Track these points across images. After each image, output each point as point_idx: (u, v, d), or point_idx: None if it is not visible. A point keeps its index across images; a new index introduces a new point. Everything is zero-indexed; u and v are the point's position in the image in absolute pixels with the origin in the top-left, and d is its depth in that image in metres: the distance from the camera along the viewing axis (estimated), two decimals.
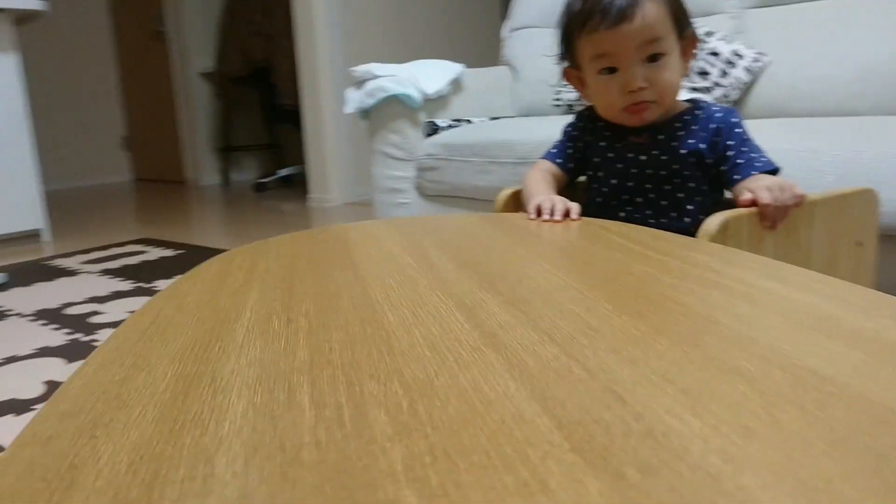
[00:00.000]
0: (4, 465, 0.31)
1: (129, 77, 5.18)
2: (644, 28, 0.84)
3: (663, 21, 0.85)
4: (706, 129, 0.90)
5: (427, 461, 0.29)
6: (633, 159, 0.92)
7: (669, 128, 0.91)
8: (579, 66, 0.94)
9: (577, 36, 0.90)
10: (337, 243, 0.74)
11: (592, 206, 0.97)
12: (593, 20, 0.86)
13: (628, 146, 0.93)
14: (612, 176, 0.95)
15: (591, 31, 0.87)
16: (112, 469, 0.30)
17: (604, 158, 0.96)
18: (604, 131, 0.97)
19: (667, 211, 0.91)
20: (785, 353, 0.39)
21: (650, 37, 0.85)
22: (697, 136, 0.89)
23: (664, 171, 0.90)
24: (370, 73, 1.95)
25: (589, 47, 0.89)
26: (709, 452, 0.29)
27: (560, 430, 0.32)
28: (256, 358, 0.42)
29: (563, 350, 0.41)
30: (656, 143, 0.91)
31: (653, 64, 0.86)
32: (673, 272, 0.56)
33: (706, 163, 0.89)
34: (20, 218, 2.79)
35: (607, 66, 0.88)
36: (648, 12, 0.84)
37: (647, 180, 0.92)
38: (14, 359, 1.47)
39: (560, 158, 1.02)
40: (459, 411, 0.34)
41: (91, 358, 0.43)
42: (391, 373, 0.39)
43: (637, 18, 0.84)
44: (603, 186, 0.96)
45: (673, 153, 0.89)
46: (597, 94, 0.93)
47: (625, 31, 0.84)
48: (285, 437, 0.32)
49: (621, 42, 0.85)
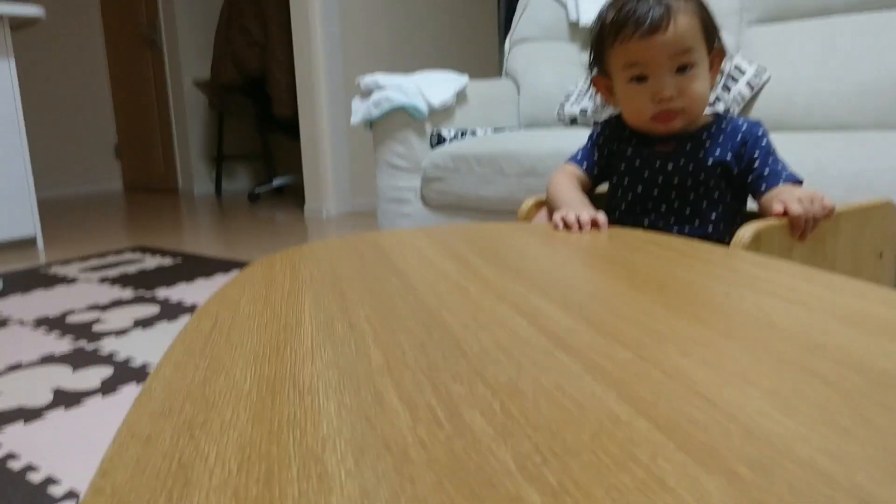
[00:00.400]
0: (112, 464, 0.31)
1: (122, 85, 5.16)
2: (676, 39, 0.86)
3: (695, 33, 0.88)
4: (733, 140, 0.91)
5: (538, 461, 0.30)
6: (660, 168, 0.93)
7: (696, 138, 0.93)
8: (609, 75, 0.96)
9: (608, 45, 0.92)
10: (374, 250, 0.74)
11: (614, 214, 0.99)
12: (626, 30, 0.88)
13: (655, 154, 0.95)
14: (637, 183, 0.96)
15: (624, 40, 0.89)
16: (223, 468, 0.30)
17: (630, 166, 0.97)
18: (631, 139, 0.98)
19: (690, 219, 0.93)
20: (856, 356, 0.40)
21: (681, 48, 0.87)
22: (724, 147, 0.91)
23: (690, 180, 0.92)
24: (376, 83, 1.96)
25: (621, 56, 0.90)
26: (815, 452, 0.30)
27: (660, 430, 0.32)
28: (332, 361, 0.42)
29: (635, 354, 0.42)
30: (683, 152, 0.92)
31: (683, 74, 0.88)
32: (720, 279, 0.57)
33: (732, 173, 0.91)
34: (14, 225, 2.76)
35: (638, 74, 0.90)
36: (681, 23, 0.86)
37: (673, 189, 0.93)
38: (18, 366, 1.46)
39: (586, 163, 1.04)
40: (553, 413, 0.34)
41: (163, 360, 0.44)
42: (472, 375, 0.39)
43: (669, 29, 0.86)
44: (628, 194, 0.97)
45: (699, 163, 0.91)
46: (626, 101, 0.94)
47: (657, 41, 0.86)
48: (387, 437, 0.33)
49: (653, 52, 0.87)
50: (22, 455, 1.06)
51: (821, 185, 1.25)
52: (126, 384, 1.33)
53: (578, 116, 2.01)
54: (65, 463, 1.04)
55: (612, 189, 1.01)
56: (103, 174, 5.27)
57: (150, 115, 4.99)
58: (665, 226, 0.94)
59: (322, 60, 3.33)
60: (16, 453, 1.07)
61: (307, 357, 0.43)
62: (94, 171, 5.21)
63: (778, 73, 1.77)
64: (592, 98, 1.96)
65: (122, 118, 5.24)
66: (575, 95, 2.04)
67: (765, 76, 1.77)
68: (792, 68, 1.76)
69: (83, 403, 1.25)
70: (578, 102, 2.01)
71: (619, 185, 0.99)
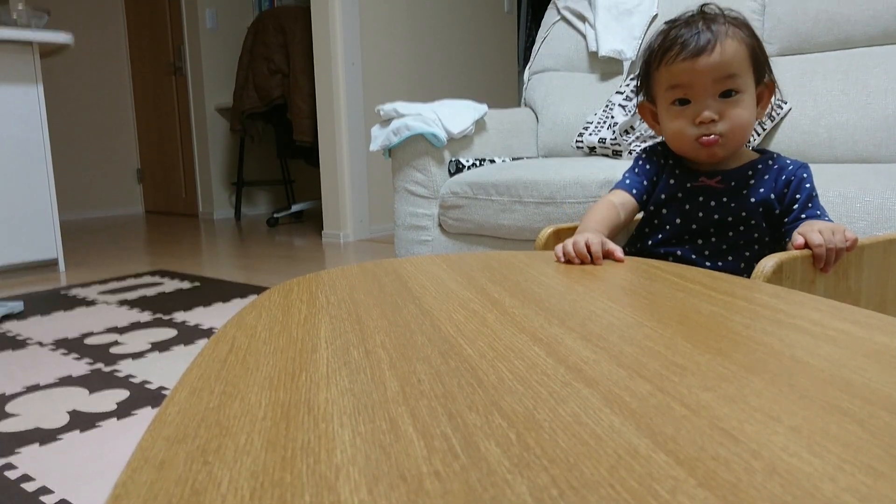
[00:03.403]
0: (125, 489, 0.31)
1: (146, 111, 5.25)
2: (721, 63, 0.86)
3: (741, 60, 0.87)
4: (777, 179, 0.91)
5: (555, 493, 0.29)
6: (703, 203, 0.92)
7: (742, 175, 0.92)
8: (654, 100, 0.96)
9: (654, 69, 0.93)
10: (392, 277, 0.74)
11: (646, 242, 0.98)
12: (672, 52, 0.88)
13: (698, 189, 0.93)
14: (676, 216, 0.95)
15: (670, 62, 0.89)
16: (236, 495, 0.30)
17: (671, 197, 0.96)
18: (674, 170, 0.98)
19: (724, 255, 0.92)
20: (884, 393, 0.39)
21: (726, 72, 0.86)
22: (768, 186, 0.90)
23: (731, 217, 0.91)
24: (395, 111, 1.97)
25: (665, 79, 0.91)
26: (841, 491, 0.29)
27: (680, 465, 0.31)
28: (347, 388, 0.42)
29: (656, 387, 0.41)
30: (728, 189, 0.91)
31: (726, 99, 0.88)
32: (742, 312, 0.56)
33: (773, 213, 0.90)
34: (36, 247, 2.80)
35: (681, 97, 0.90)
36: (727, 49, 0.86)
37: (713, 224, 0.92)
38: (36, 388, 1.46)
39: (636, 189, 1.01)
40: (571, 445, 0.34)
41: (179, 385, 0.43)
42: (489, 405, 0.39)
43: (715, 53, 0.86)
44: (665, 225, 0.96)
45: (743, 201, 0.90)
46: (668, 124, 0.93)
47: (702, 63, 0.86)
48: (402, 466, 0.32)
49: (697, 74, 0.87)
50: (37, 477, 1.06)
51: (844, 218, 1.23)
52: (142, 407, 1.33)
53: (598, 146, 2.01)
54: (78, 486, 1.04)
55: (648, 217, 1.00)
56: (125, 198, 5.35)
57: (172, 141, 5.07)
58: (698, 259, 0.92)
59: (343, 88, 3.38)
60: (31, 475, 1.07)
61: (322, 383, 0.43)
62: (116, 195, 5.29)
63: (800, 104, 1.77)
64: (613, 128, 1.96)
65: (145, 143, 5.32)
66: (594, 125, 2.04)
67: (786, 107, 1.77)
68: (813, 100, 1.75)
69: (98, 426, 1.25)
70: (598, 132, 2.01)
71: (657, 216, 0.98)
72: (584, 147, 2.05)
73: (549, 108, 2.25)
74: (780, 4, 1.86)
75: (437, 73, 3.91)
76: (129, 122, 5.33)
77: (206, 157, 4.83)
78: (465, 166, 1.97)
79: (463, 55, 4.07)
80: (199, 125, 4.82)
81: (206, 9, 4.66)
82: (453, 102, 2.08)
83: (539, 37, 2.40)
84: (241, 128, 4.29)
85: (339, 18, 3.33)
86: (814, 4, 1.80)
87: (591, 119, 2.07)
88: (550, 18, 2.38)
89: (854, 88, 1.70)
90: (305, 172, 4.73)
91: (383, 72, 3.61)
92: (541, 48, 2.37)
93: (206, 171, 4.86)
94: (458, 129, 1.97)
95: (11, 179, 2.70)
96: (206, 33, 4.69)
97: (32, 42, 2.75)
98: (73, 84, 4.97)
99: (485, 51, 4.22)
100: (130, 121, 5.33)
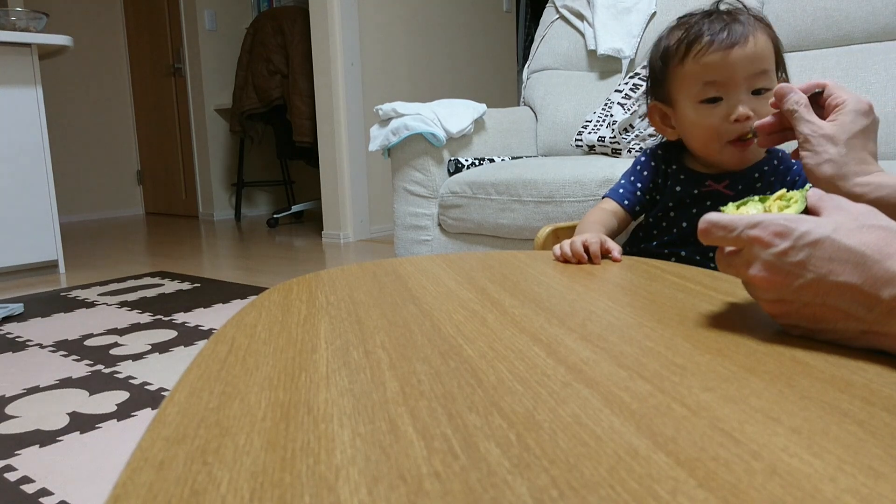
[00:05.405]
0: (124, 490, 0.31)
1: (145, 112, 5.26)
2: (756, 56, 0.81)
3: (770, 55, 0.83)
4: (783, 181, 0.89)
5: (555, 494, 0.29)
6: (712, 208, 0.89)
7: (749, 179, 0.90)
8: (671, 101, 0.91)
9: (673, 65, 0.87)
10: (392, 277, 0.74)
11: (651, 243, 0.97)
12: (700, 44, 0.83)
13: (706, 194, 0.91)
14: (683, 220, 0.94)
15: (700, 55, 0.83)
16: (235, 495, 0.30)
17: (677, 203, 0.94)
18: (679, 175, 0.94)
19: None
20: (884, 394, 0.39)
21: (760, 67, 0.82)
22: (774, 188, 0.88)
23: None
24: (394, 111, 1.97)
25: (692, 75, 0.85)
26: (842, 492, 0.29)
27: (680, 466, 0.31)
28: (346, 388, 0.42)
29: (656, 387, 0.41)
30: (736, 194, 0.89)
31: (758, 97, 0.83)
32: (743, 312, 0.56)
33: None
34: (36, 249, 2.80)
35: (713, 95, 0.84)
36: (760, 41, 0.82)
37: None
38: (36, 389, 1.46)
39: (627, 200, 0.98)
40: (571, 445, 0.34)
41: (178, 385, 0.43)
42: (489, 406, 0.39)
43: (749, 45, 0.81)
44: (672, 228, 0.95)
45: None
46: (695, 126, 0.87)
47: (736, 55, 0.81)
48: (402, 467, 0.32)
49: (732, 67, 0.82)
50: (37, 479, 1.06)
51: None
52: (142, 409, 1.33)
53: (597, 144, 2.01)
54: (78, 488, 1.04)
55: (654, 221, 0.98)
56: (125, 200, 5.35)
57: (172, 142, 5.07)
58: (702, 260, 0.91)
59: (342, 89, 3.38)
60: (31, 477, 1.07)
61: (322, 383, 0.43)
62: (116, 196, 5.29)
63: None
64: (612, 126, 1.96)
65: (144, 145, 5.33)
66: (593, 123, 2.04)
67: None
68: None
69: (99, 427, 1.25)
70: (597, 130, 2.01)
71: (663, 219, 0.96)
72: (583, 146, 2.05)
73: (548, 107, 2.25)
74: (779, 2, 1.86)
75: (436, 73, 3.91)
76: (129, 124, 5.33)
77: (206, 159, 4.83)
78: (464, 166, 1.97)
79: (462, 54, 4.07)
80: (199, 126, 4.82)
81: (204, 10, 4.66)
82: (452, 102, 2.08)
83: (538, 35, 2.40)
84: (240, 129, 4.30)
85: (337, 19, 3.33)
86: (812, 1, 1.80)
87: (590, 117, 2.07)
88: (549, 17, 2.38)
89: (853, 85, 1.70)
90: (305, 173, 4.73)
91: (382, 72, 3.61)
92: (539, 47, 2.37)
93: (205, 172, 4.86)
94: (457, 128, 1.97)
95: (11, 181, 2.70)
96: (206, 34, 4.70)
97: (31, 44, 2.75)
98: (73, 86, 4.97)
99: (484, 50, 4.22)
100: (130, 122, 5.34)
